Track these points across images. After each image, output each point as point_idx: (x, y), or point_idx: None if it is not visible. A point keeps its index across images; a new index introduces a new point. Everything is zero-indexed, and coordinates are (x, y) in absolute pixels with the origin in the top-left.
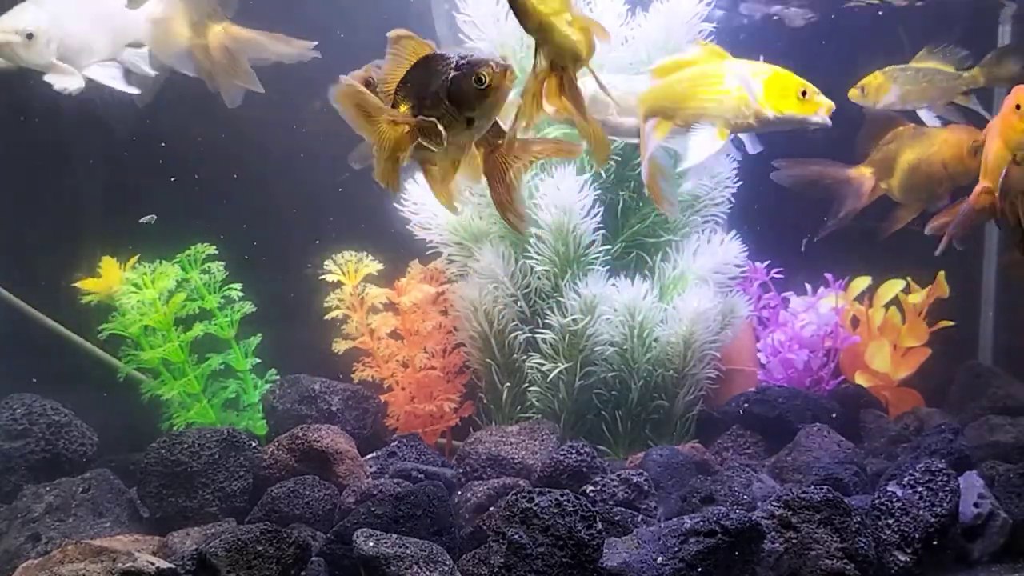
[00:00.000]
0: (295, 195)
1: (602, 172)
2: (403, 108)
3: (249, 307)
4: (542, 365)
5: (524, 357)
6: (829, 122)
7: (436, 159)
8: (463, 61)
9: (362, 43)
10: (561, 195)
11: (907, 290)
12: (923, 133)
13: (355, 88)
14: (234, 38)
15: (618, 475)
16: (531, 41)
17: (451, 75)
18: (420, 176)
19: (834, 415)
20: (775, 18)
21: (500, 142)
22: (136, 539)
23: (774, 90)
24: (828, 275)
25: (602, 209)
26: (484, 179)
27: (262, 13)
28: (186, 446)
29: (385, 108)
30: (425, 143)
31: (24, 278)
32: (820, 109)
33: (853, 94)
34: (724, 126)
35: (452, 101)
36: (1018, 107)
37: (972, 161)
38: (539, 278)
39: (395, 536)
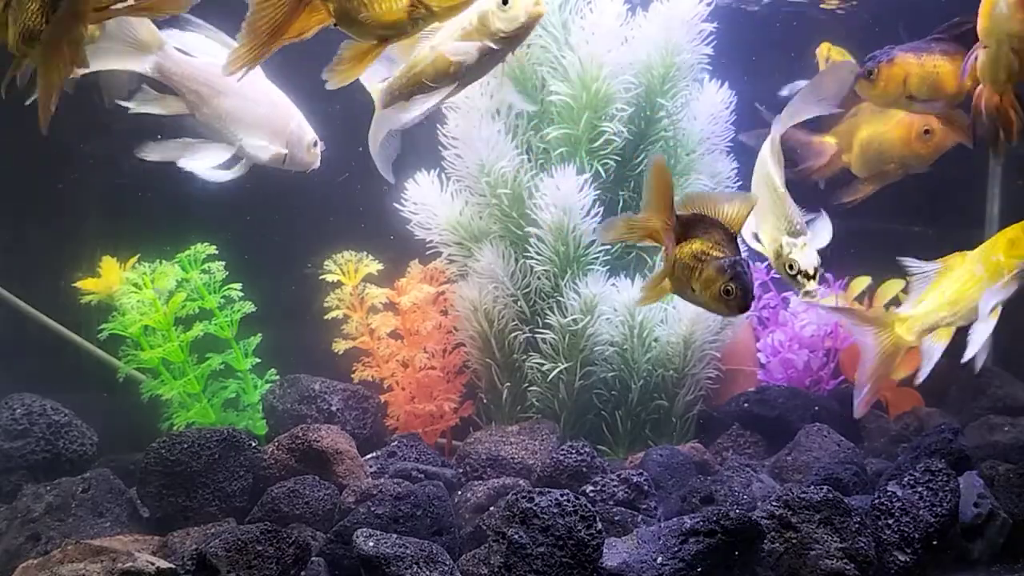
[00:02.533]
0: (295, 195)
1: (602, 172)
2: None
3: (249, 307)
4: (542, 365)
5: (524, 357)
6: None
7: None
8: None
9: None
10: (561, 195)
11: (907, 290)
12: (882, 111)
13: None
14: None
15: (618, 475)
16: (530, 40)
17: None
18: (419, 176)
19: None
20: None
21: None
22: (136, 539)
23: None
24: (828, 275)
25: (602, 209)
26: None
27: None
28: (186, 446)
29: None
30: None
31: (24, 278)
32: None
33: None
34: None
35: None
36: None
37: (920, 145)
38: (539, 278)
39: (395, 536)
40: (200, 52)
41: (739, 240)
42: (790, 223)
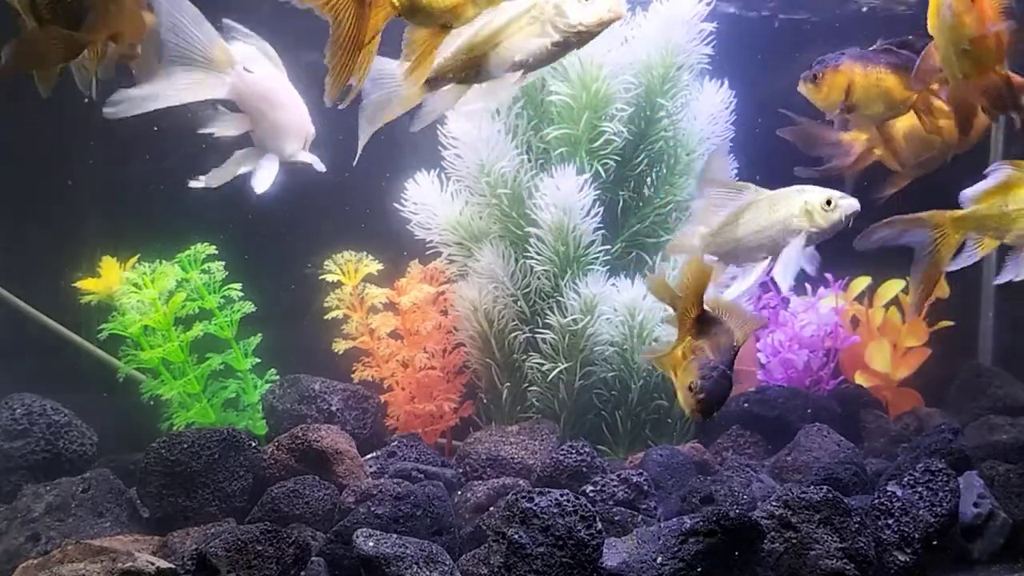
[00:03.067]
0: (295, 195)
1: (602, 172)
2: None
3: (249, 307)
4: (542, 365)
5: (524, 357)
6: None
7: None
8: None
9: None
10: (561, 195)
11: (907, 290)
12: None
13: None
14: None
15: (618, 475)
16: None
17: None
18: (419, 176)
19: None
20: None
21: None
22: (136, 539)
23: None
24: (828, 275)
25: (602, 209)
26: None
27: None
28: (186, 446)
29: None
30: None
31: (24, 278)
32: None
33: None
34: None
35: None
36: None
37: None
38: (539, 278)
39: (395, 536)
40: (248, 62)
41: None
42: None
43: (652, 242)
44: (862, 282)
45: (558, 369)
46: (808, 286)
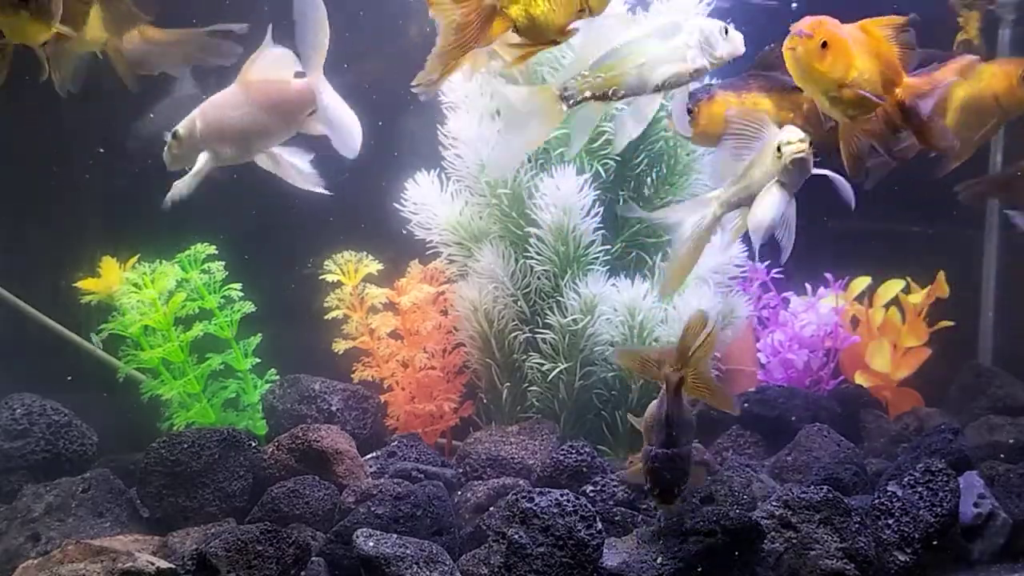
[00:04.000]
0: (295, 195)
1: (602, 172)
2: None
3: (249, 307)
4: (542, 365)
5: (524, 357)
6: None
7: None
8: None
9: (360, 37)
10: (561, 195)
11: (907, 290)
12: (972, 72)
13: None
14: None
15: (618, 475)
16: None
17: None
18: (419, 176)
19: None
20: None
21: None
22: (136, 539)
23: None
24: (828, 275)
25: (602, 209)
26: None
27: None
28: (186, 446)
29: None
30: None
31: (24, 278)
32: None
33: None
34: None
35: None
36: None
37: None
38: (539, 278)
39: (395, 536)
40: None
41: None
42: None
43: (652, 242)
44: (862, 282)
45: (558, 369)
46: (808, 286)
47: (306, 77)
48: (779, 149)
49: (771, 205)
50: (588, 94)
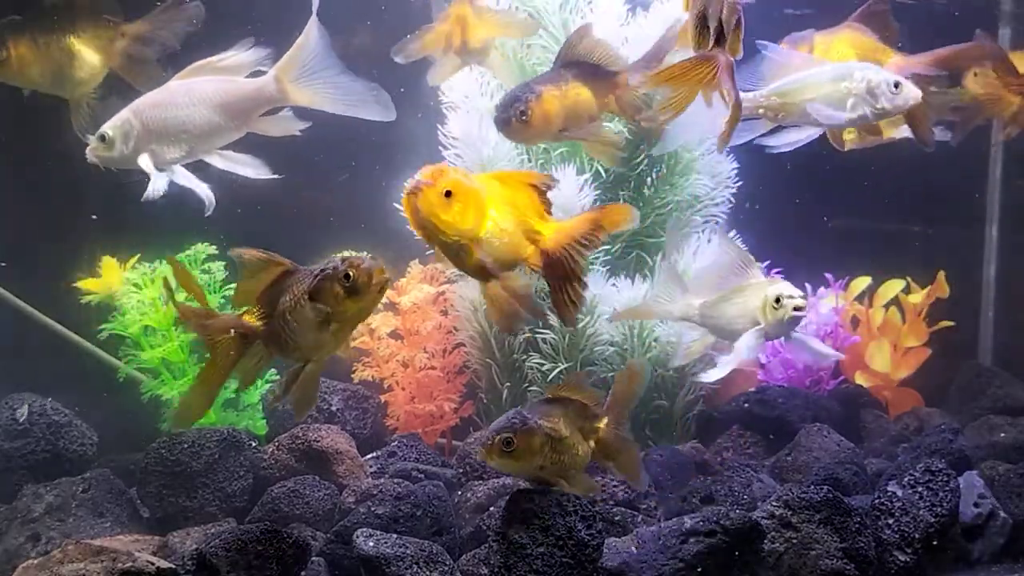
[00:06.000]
0: (295, 195)
1: (602, 172)
2: (249, 318)
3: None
4: (542, 365)
5: (524, 357)
6: None
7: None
8: (331, 265)
9: (360, 43)
10: (561, 195)
11: (907, 290)
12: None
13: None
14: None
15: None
16: (530, 40)
17: (320, 274)
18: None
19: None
20: None
21: None
22: (136, 539)
23: None
24: (828, 275)
25: None
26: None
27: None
28: (186, 446)
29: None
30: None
31: (24, 278)
32: None
33: None
34: None
35: (312, 298)
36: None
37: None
38: (539, 278)
39: (395, 536)
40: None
41: None
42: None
43: (652, 242)
44: (862, 282)
45: (558, 369)
46: (808, 286)
47: (265, 75)
48: (778, 300)
49: (751, 349)
50: (760, 111)
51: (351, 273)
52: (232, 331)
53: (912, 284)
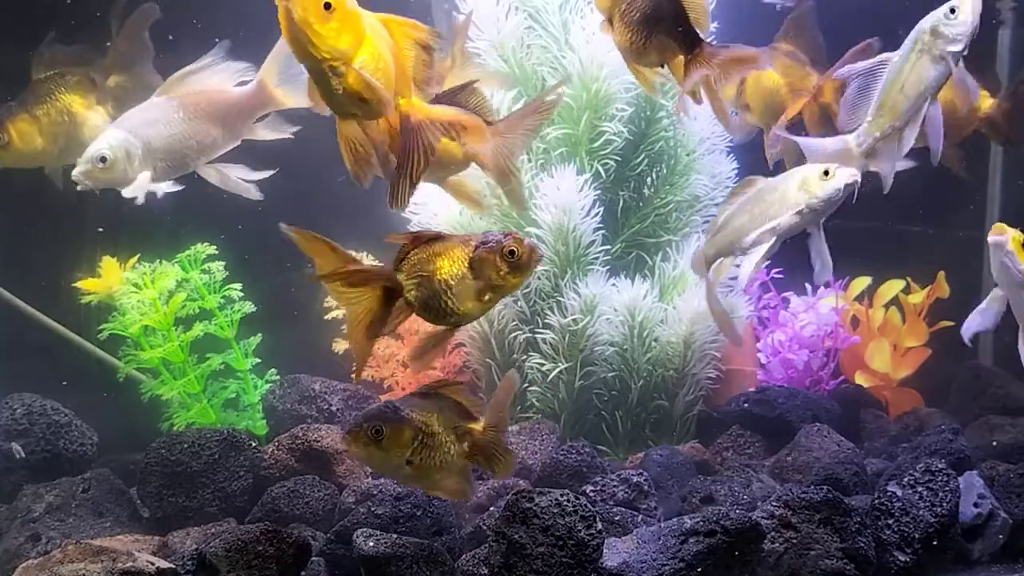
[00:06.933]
0: (295, 195)
1: (602, 172)
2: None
3: (249, 307)
4: (542, 365)
5: (524, 357)
6: None
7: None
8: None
9: None
10: (561, 195)
11: (907, 290)
12: None
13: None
14: None
15: (618, 475)
16: (530, 39)
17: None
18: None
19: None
20: None
21: None
22: (136, 539)
23: None
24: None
25: (602, 209)
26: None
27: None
28: (186, 446)
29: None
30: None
31: (24, 278)
32: None
33: None
34: None
35: (472, 268)
36: None
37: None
38: (539, 278)
39: (395, 536)
40: None
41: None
42: None
43: (652, 242)
44: (862, 282)
45: (558, 369)
46: (808, 286)
47: (250, 83)
48: (827, 172)
49: (792, 228)
50: (878, 134)
51: (516, 249)
52: (378, 285)
53: (912, 284)
